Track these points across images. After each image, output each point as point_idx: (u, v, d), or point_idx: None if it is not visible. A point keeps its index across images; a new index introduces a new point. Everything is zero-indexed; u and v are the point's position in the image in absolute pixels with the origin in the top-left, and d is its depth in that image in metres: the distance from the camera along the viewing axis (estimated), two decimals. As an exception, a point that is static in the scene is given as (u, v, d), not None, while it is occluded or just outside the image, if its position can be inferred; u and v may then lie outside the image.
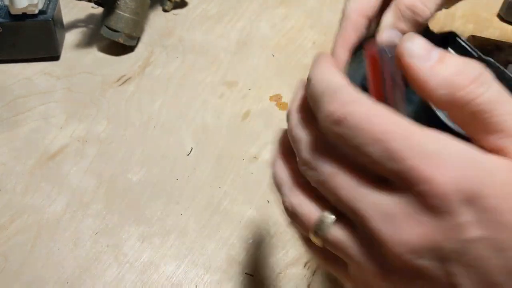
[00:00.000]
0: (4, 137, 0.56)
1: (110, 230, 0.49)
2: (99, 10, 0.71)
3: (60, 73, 0.64)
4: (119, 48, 0.67)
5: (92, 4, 0.67)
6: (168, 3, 0.74)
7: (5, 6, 0.61)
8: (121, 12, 0.64)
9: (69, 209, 0.50)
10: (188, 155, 0.56)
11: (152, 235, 0.49)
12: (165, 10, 0.74)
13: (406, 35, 0.26)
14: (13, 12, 0.60)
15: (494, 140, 0.24)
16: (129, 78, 0.64)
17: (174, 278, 0.46)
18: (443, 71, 0.25)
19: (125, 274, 0.46)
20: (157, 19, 0.73)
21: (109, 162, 0.55)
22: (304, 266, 0.47)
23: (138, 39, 0.68)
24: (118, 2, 0.64)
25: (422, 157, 0.23)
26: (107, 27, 0.64)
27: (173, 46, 0.69)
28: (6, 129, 0.57)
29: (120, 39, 0.65)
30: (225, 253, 0.48)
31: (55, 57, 0.66)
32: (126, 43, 0.66)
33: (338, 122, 0.24)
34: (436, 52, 0.25)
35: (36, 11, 0.61)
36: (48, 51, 0.65)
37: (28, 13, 0.60)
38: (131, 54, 0.67)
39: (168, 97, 0.62)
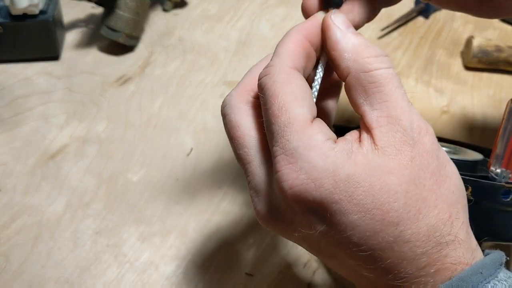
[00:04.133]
0: (4, 137, 0.56)
1: (110, 230, 0.49)
2: (99, 10, 0.71)
3: (60, 73, 0.64)
4: (119, 48, 0.67)
5: (92, 4, 0.67)
6: (168, 3, 0.74)
7: (6, 6, 0.61)
8: (121, 12, 0.64)
9: (69, 209, 0.50)
10: (188, 155, 0.56)
11: (152, 235, 0.49)
12: (165, 10, 0.74)
13: (332, 12, 0.31)
14: (13, 12, 0.60)
15: (374, 117, 0.28)
16: (129, 78, 0.64)
17: (174, 278, 0.46)
18: (354, 40, 0.29)
19: (125, 274, 0.46)
20: (157, 19, 0.73)
21: (109, 162, 0.55)
22: (304, 266, 0.47)
23: (138, 39, 0.68)
24: (118, 2, 0.64)
25: (284, 151, 0.27)
26: (107, 27, 0.64)
27: (173, 46, 0.69)
28: (6, 129, 0.57)
29: (120, 39, 0.65)
30: (225, 253, 0.48)
31: (55, 57, 0.66)
32: (126, 43, 0.66)
33: (260, 86, 0.29)
34: (353, 28, 0.30)
35: (37, 11, 0.61)
36: (48, 51, 0.65)
37: (28, 13, 0.60)
38: (131, 54, 0.67)
39: (168, 97, 0.62)
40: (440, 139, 0.48)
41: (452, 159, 0.38)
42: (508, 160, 0.36)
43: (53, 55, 0.65)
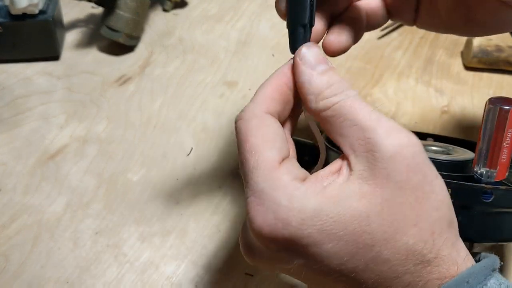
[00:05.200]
0: (4, 137, 0.56)
1: (110, 230, 0.49)
2: (99, 10, 0.71)
3: (60, 73, 0.64)
4: (119, 48, 0.67)
5: (92, 4, 0.67)
6: (168, 3, 0.74)
7: (5, 6, 0.61)
8: (121, 12, 0.64)
9: (69, 209, 0.50)
10: (188, 155, 0.56)
11: (152, 235, 0.49)
12: (165, 10, 0.74)
13: (306, 44, 0.31)
14: (13, 12, 0.60)
15: (347, 144, 0.29)
16: (129, 78, 0.64)
17: (174, 278, 0.46)
18: (318, 81, 0.30)
19: (125, 274, 0.46)
20: (157, 19, 0.73)
21: (109, 162, 0.55)
22: (304, 266, 0.47)
23: (138, 39, 0.68)
24: (118, 2, 0.64)
25: (252, 193, 0.28)
26: (107, 27, 0.64)
27: (173, 46, 0.69)
28: (6, 129, 0.57)
29: (120, 39, 0.65)
30: (225, 253, 0.48)
31: (55, 57, 0.66)
32: (126, 43, 0.66)
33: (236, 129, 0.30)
34: (323, 66, 0.30)
35: (36, 11, 0.61)
36: (48, 51, 0.65)
37: (28, 13, 0.60)
38: (131, 54, 0.67)
39: (168, 97, 0.62)
40: (438, 137, 0.48)
41: (439, 159, 0.37)
42: (491, 160, 0.35)
43: (53, 55, 0.65)
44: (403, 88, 0.66)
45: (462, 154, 0.41)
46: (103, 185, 0.52)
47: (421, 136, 0.48)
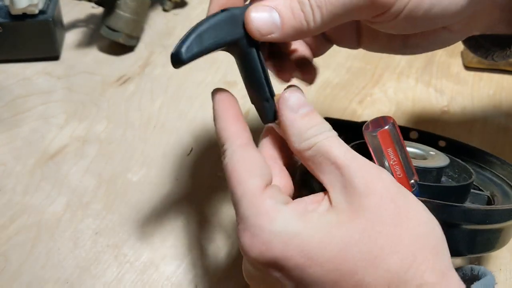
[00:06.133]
0: (4, 137, 0.56)
1: (110, 230, 0.49)
2: (99, 10, 0.71)
3: (60, 73, 0.64)
4: (119, 48, 0.67)
5: (92, 4, 0.67)
6: (168, 3, 0.74)
7: (5, 6, 0.61)
8: (121, 12, 0.64)
9: (69, 209, 0.50)
10: (188, 155, 0.56)
11: (152, 235, 0.49)
12: (165, 10, 0.74)
13: (290, 89, 0.33)
14: (13, 12, 0.60)
15: (327, 180, 0.31)
16: (129, 78, 0.64)
17: (174, 278, 0.46)
18: (300, 124, 0.32)
19: (125, 274, 0.46)
20: (157, 19, 0.73)
21: (109, 162, 0.55)
22: (304, 266, 0.47)
23: (138, 39, 0.68)
24: (118, 2, 0.64)
25: (240, 220, 0.31)
26: (107, 27, 0.64)
27: (173, 46, 0.69)
28: (6, 129, 0.57)
29: (120, 39, 0.65)
30: (225, 253, 0.48)
31: (55, 57, 0.66)
32: (126, 43, 0.66)
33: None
34: (305, 109, 0.32)
35: (36, 11, 0.61)
36: (48, 51, 0.65)
37: (28, 13, 0.60)
38: (131, 54, 0.67)
39: (168, 97, 0.62)
40: (449, 141, 0.47)
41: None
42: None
43: (53, 55, 0.65)
44: (403, 88, 0.66)
45: (437, 160, 0.41)
46: (103, 185, 0.52)
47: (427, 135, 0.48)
